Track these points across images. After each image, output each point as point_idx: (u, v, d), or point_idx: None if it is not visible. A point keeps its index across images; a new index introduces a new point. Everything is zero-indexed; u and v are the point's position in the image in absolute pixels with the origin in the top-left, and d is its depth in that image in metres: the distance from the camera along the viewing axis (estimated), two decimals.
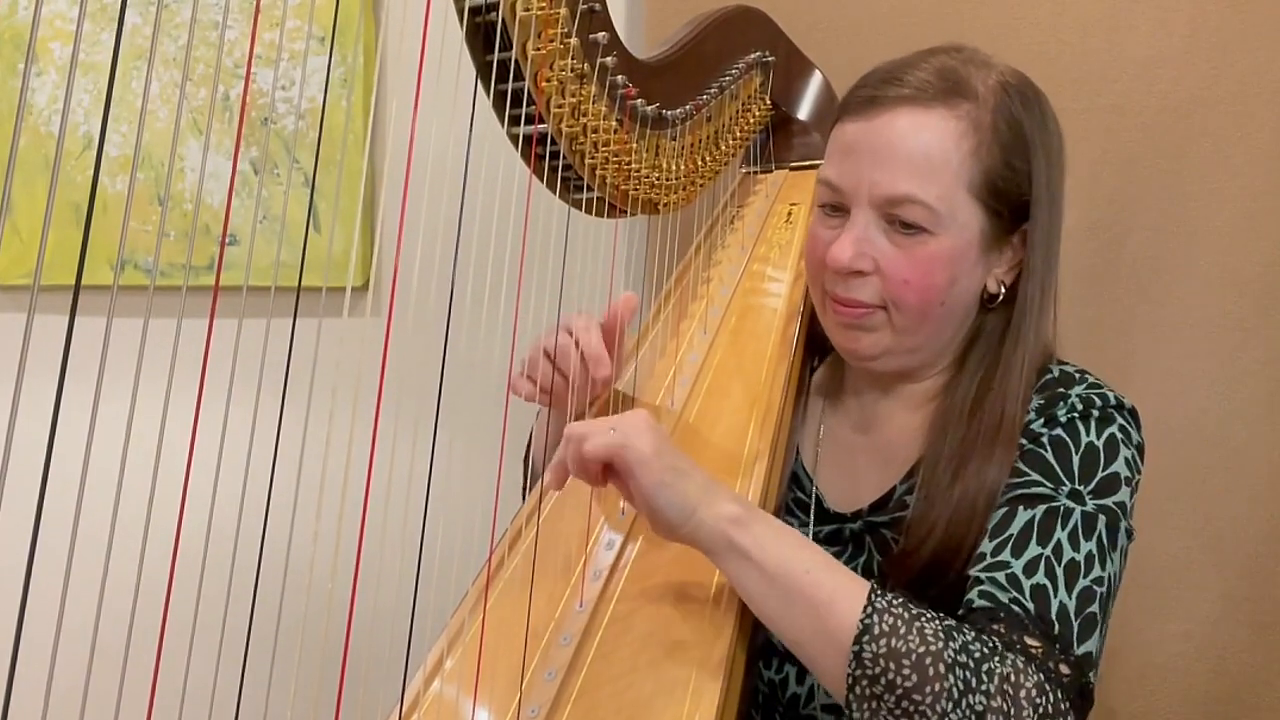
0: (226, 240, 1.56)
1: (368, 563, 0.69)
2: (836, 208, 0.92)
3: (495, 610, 0.82)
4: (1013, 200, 0.90)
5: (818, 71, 1.35)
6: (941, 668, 0.70)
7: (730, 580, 0.78)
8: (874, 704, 0.71)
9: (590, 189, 0.98)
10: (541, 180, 0.95)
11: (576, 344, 0.94)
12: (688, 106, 1.07)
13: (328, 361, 0.67)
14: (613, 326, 0.96)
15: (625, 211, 1.03)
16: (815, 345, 1.09)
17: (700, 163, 1.14)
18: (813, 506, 0.99)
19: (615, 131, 0.96)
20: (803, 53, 1.33)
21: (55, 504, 0.48)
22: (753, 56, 1.21)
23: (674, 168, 1.08)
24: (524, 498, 1.11)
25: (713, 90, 1.12)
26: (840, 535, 0.96)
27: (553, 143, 0.91)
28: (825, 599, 0.74)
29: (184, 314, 0.59)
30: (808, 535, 0.98)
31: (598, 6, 0.90)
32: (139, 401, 0.54)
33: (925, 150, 0.87)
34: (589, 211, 1.00)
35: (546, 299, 0.97)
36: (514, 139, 0.91)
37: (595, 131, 0.94)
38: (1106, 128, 1.33)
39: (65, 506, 0.49)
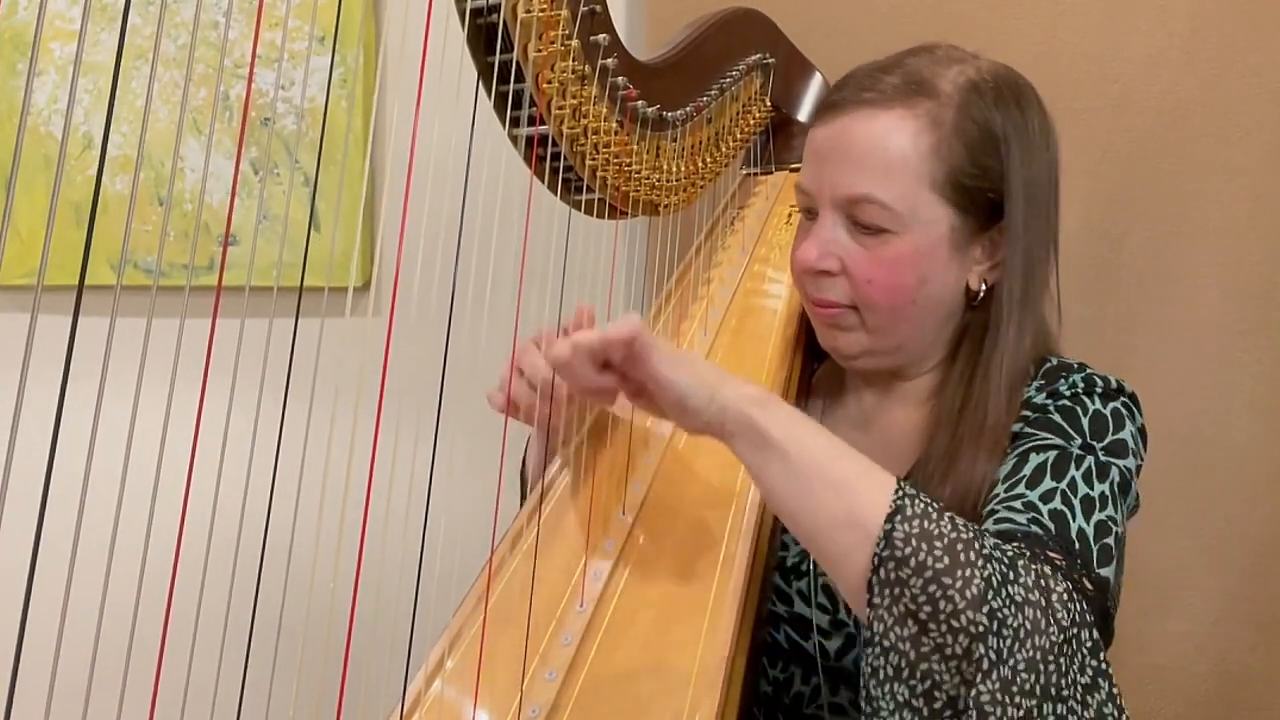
0: (228, 240, 1.56)
1: (369, 562, 0.69)
2: (810, 211, 0.94)
3: (496, 610, 0.82)
4: (984, 197, 0.89)
5: (818, 73, 1.35)
6: (974, 555, 0.66)
7: (749, 466, 0.74)
8: (897, 589, 0.65)
9: (591, 190, 0.99)
10: (542, 181, 0.95)
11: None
12: (688, 108, 1.07)
13: (329, 361, 0.67)
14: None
15: (626, 213, 1.03)
16: (816, 347, 1.09)
17: (701, 164, 1.14)
18: None
19: (616, 133, 0.96)
20: (803, 54, 1.33)
21: (58, 504, 0.48)
22: (753, 58, 1.21)
23: (675, 169, 1.08)
24: (523, 499, 1.11)
25: (713, 92, 1.12)
26: None
27: (553, 144, 0.91)
28: (852, 480, 0.70)
29: (186, 314, 0.59)
30: None
31: (599, 8, 0.90)
32: (141, 401, 0.54)
33: (882, 151, 0.87)
34: (589, 213, 1.01)
35: (547, 299, 0.97)
36: (515, 140, 0.91)
37: (596, 133, 0.94)
38: (1106, 128, 1.33)
39: (68, 506, 0.49)
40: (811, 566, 0.97)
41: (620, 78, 0.95)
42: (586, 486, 0.93)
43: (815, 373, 1.10)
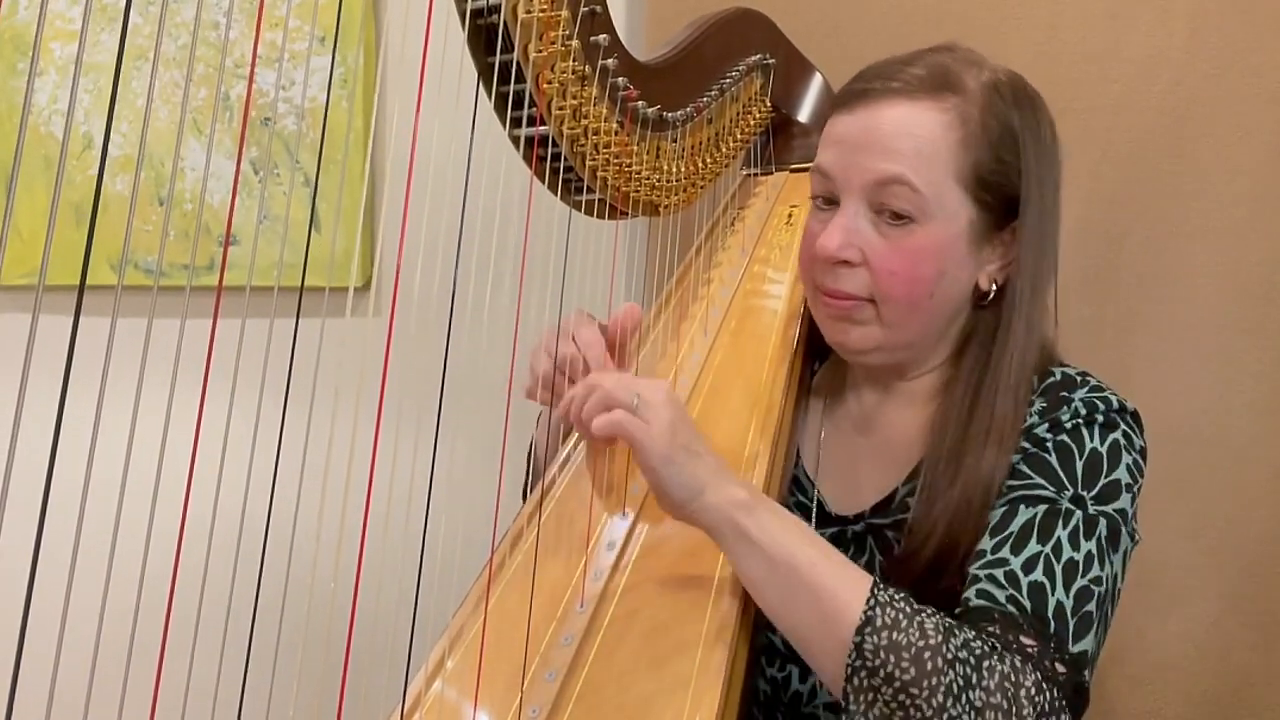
0: (229, 240, 1.56)
1: (369, 563, 0.69)
2: (829, 200, 0.93)
3: (496, 610, 0.83)
4: (1002, 193, 0.90)
5: (818, 74, 1.35)
6: (941, 662, 0.70)
7: (734, 565, 0.79)
8: (871, 695, 0.71)
9: (591, 190, 0.99)
10: (543, 182, 0.95)
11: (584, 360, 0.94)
12: (688, 109, 1.07)
13: (330, 362, 0.67)
14: (613, 338, 0.96)
15: (626, 213, 1.03)
16: (816, 347, 1.09)
17: (701, 165, 1.14)
18: (814, 510, 0.99)
19: (616, 133, 0.96)
20: (803, 55, 1.33)
21: (58, 504, 0.48)
22: (753, 59, 1.21)
23: (675, 169, 1.08)
24: (525, 497, 1.12)
25: (713, 92, 1.12)
26: (843, 537, 0.96)
27: (554, 144, 0.91)
28: (828, 589, 0.74)
29: (186, 314, 0.59)
30: None
31: (599, 9, 0.90)
32: (141, 402, 0.54)
33: (914, 137, 0.88)
34: (590, 213, 1.01)
35: (547, 299, 0.98)
36: (515, 141, 0.91)
37: (596, 133, 0.94)
38: (1106, 128, 1.33)
39: (68, 507, 0.49)
40: None
41: (620, 78, 0.95)
42: (586, 487, 0.93)
43: (815, 373, 1.10)
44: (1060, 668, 0.74)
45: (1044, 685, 0.72)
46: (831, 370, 1.08)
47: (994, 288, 0.93)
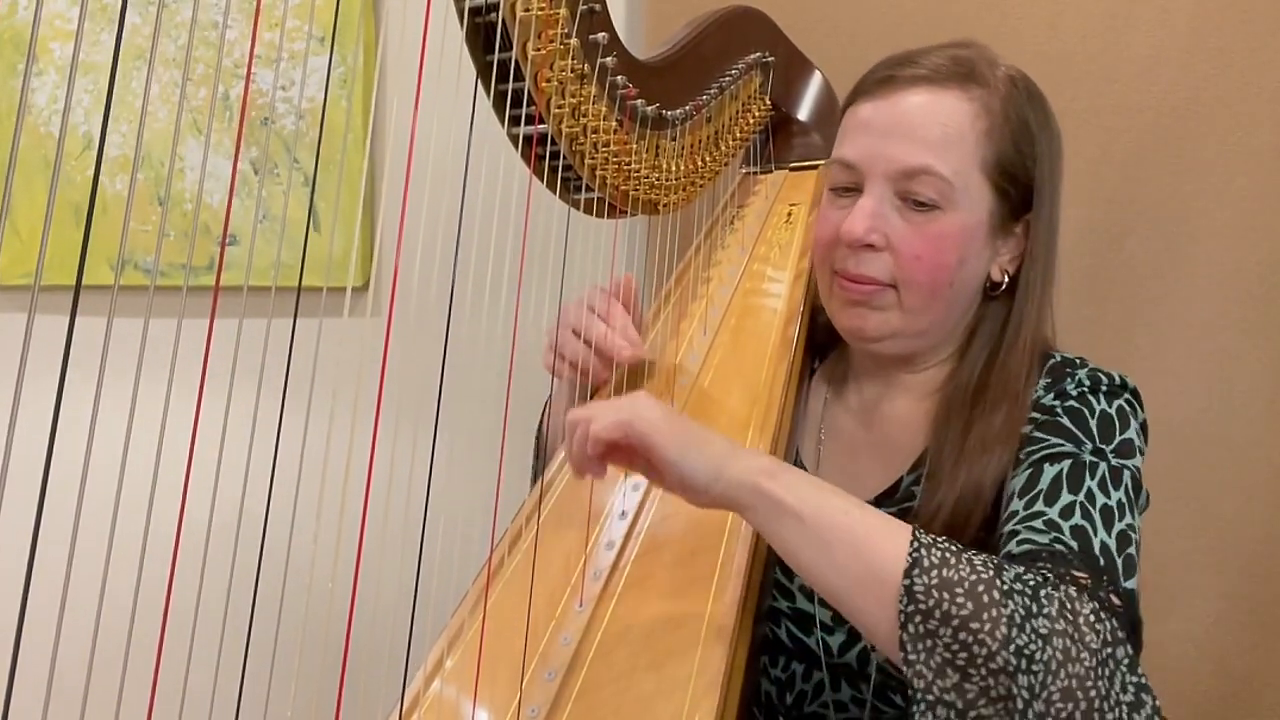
0: (227, 240, 1.56)
1: (368, 562, 0.69)
2: (849, 189, 0.93)
3: (495, 610, 0.82)
4: (1020, 185, 0.91)
5: (817, 72, 1.35)
6: (997, 594, 0.67)
7: (767, 535, 0.76)
8: (929, 641, 0.66)
9: (590, 189, 0.98)
10: (541, 180, 0.95)
11: (607, 325, 0.96)
12: (688, 107, 1.07)
13: (328, 361, 0.67)
14: (628, 305, 0.99)
15: (625, 212, 1.03)
16: (815, 345, 1.09)
17: (700, 163, 1.14)
18: None
19: (615, 132, 0.96)
20: (802, 53, 1.33)
21: (56, 503, 0.48)
22: (752, 57, 1.21)
23: (674, 168, 1.08)
24: (532, 476, 1.11)
25: (712, 91, 1.12)
26: None
27: (553, 143, 0.91)
28: (868, 539, 0.71)
29: (184, 314, 0.59)
30: None
31: (598, 7, 0.90)
32: (139, 401, 0.54)
33: (942, 126, 0.89)
34: (589, 212, 1.01)
35: (546, 299, 0.97)
36: (514, 139, 0.91)
37: (595, 132, 0.94)
38: (1106, 128, 1.33)
39: (66, 506, 0.49)
40: None
41: (619, 76, 0.95)
42: (586, 486, 0.93)
43: (816, 369, 1.10)
44: (1115, 600, 0.72)
45: (1102, 614, 0.68)
46: (832, 365, 1.08)
47: (1005, 279, 0.94)
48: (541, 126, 0.90)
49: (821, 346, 1.09)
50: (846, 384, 1.04)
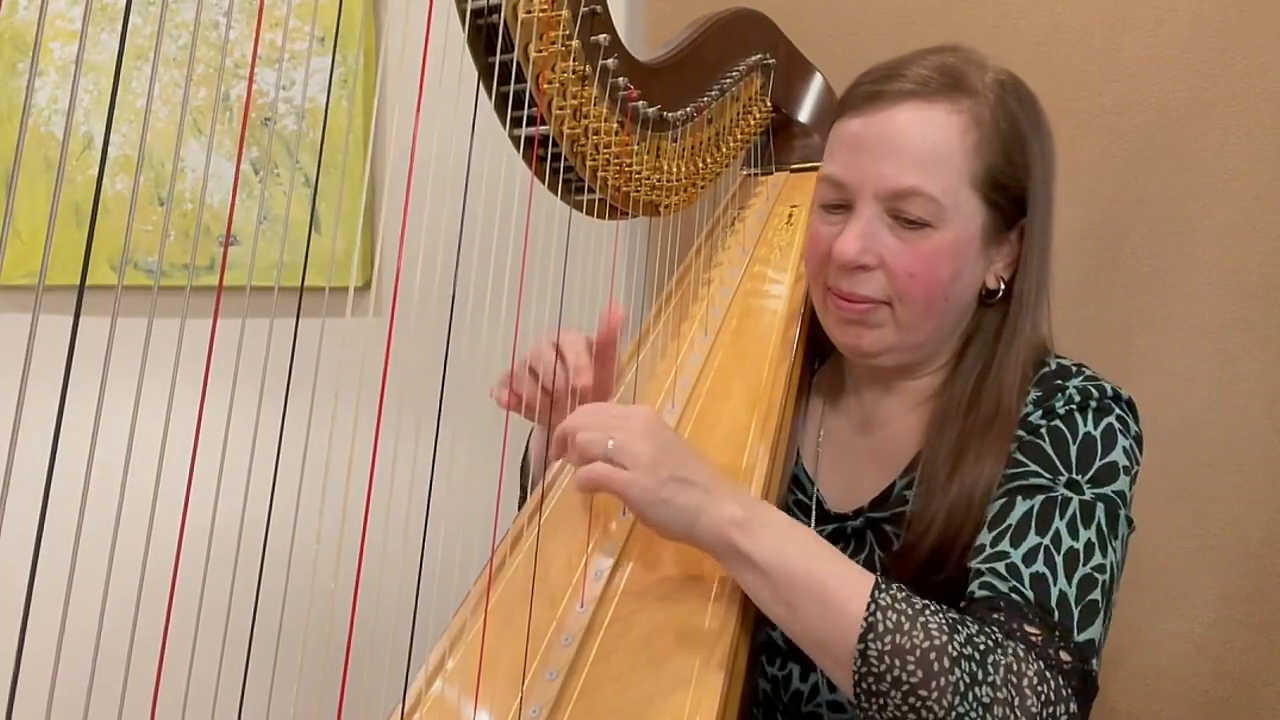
0: (229, 241, 1.56)
1: (370, 562, 0.69)
2: (839, 205, 0.93)
3: (497, 610, 0.83)
4: (1011, 194, 0.91)
5: (818, 74, 1.35)
6: (947, 662, 0.70)
7: (736, 580, 0.79)
8: (881, 700, 0.71)
9: (591, 190, 0.99)
10: (543, 182, 0.95)
11: (559, 355, 0.95)
12: (689, 109, 1.07)
13: (330, 362, 0.67)
14: (606, 339, 0.97)
15: (626, 213, 1.03)
16: (816, 347, 1.09)
17: (701, 165, 1.14)
18: (814, 508, 0.99)
19: (616, 133, 0.96)
20: (803, 55, 1.33)
21: (59, 504, 0.48)
22: (753, 59, 1.21)
23: (675, 169, 1.08)
24: (520, 500, 1.12)
25: (713, 92, 1.12)
26: (842, 533, 0.97)
27: (554, 144, 0.91)
28: (829, 598, 0.74)
29: (186, 314, 0.59)
30: None
31: (599, 9, 0.90)
32: (142, 402, 0.54)
33: (930, 144, 0.88)
34: (590, 213, 1.01)
35: (547, 299, 0.98)
36: (515, 141, 0.91)
37: (597, 133, 0.94)
38: (1106, 128, 1.33)
39: (69, 506, 0.49)
40: None
41: (621, 78, 0.95)
42: None
43: (815, 373, 1.10)
44: (1065, 656, 0.74)
45: (1047, 674, 0.71)
46: (831, 369, 1.08)
47: (1001, 286, 0.93)
48: (543, 128, 0.90)
49: (822, 349, 1.09)
50: (844, 389, 1.04)
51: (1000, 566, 0.79)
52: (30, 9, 1.62)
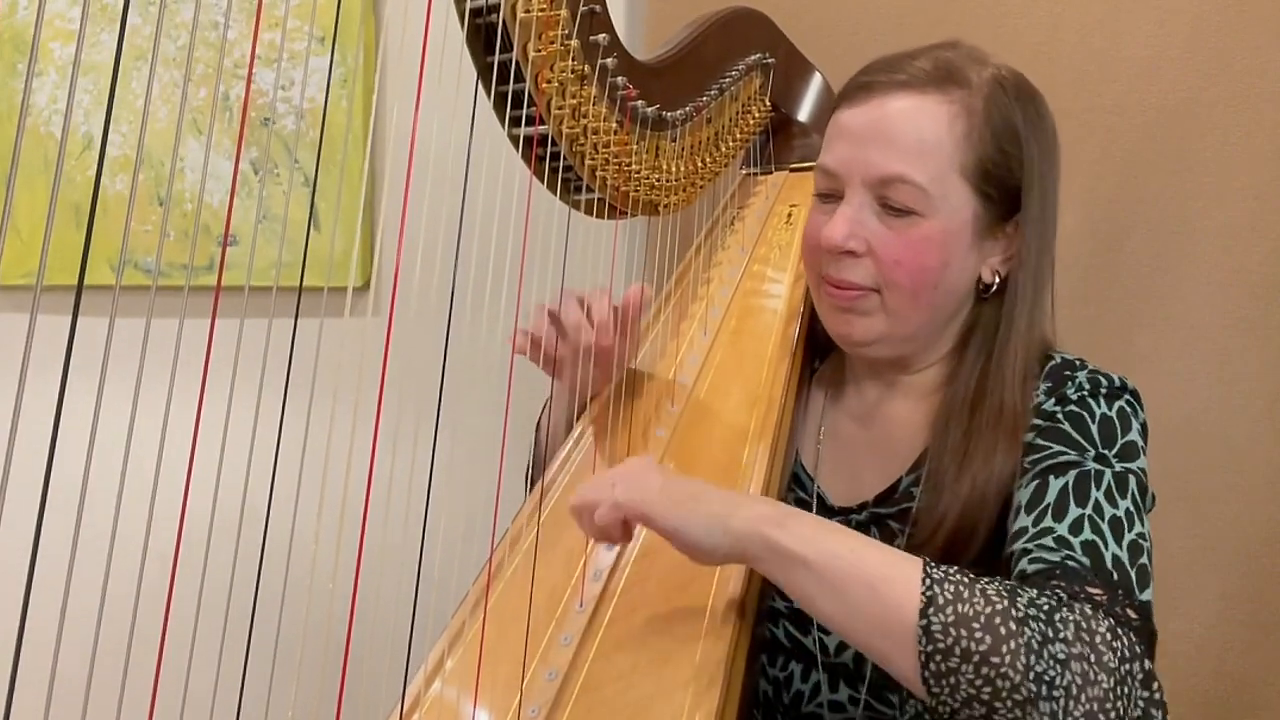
0: (228, 241, 1.56)
1: (369, 562, 0.69)
2: (831, 194, 0.93)
3: (496, 610, 0.83)
4: (1005, 186, 0.91)
5: (818, 73, 1.35)
6: (1013, 624, 0.67)
7: (780, 583, 0.76)
8: (953, 679, 0.67)
9: (590, 190, 0.99)
10: (542, 181, 0.95)
11: (586, 310, 0.96)
12: (688, 108, 1.07)
13: (329, 361, 0.67)
14: (628, 309, 0.98)
15: (625, 212, 1.03)
16: (816, 345, 1.09)
17: (700, 164, 1.14)
18: (814, 505, 0.99)
19: (615, 133, 0.96)
20: (803, 54, 1.33)
21: (58, 503, 0.48)
22: (753, 58, 1.21)
23: (674, 169, 1.08)
24: (528, 478, 1.11)
25: (713, 92, 1.12)
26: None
27: (553, 144, 0.91)
28: (879, 580, 0.71)
29: (185, 314, 0.59)
30: None
31: (598, 8, 0.90)
32: (141, 401, 0.54)
33: (918, 132, 0.88)
34: (589, 212, 1.01)
35: (547, 299, 0.98)
36: (514, 140, 0.91)
37: (596, 133, 0.94)
38: (1106, 128, 1.33)
39: (68, 506, 0.49)
40: None
41: (620, 77, 0.95)
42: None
43: (816, 370, 1.10)
44: (1131, 614, 0.72)
45: (1119, 630, 0.69)
46: (832, 366, 1.08)
47: (996, 280, 0.93)
48: (542, 127, 0.90)
49: (822, 347, 1.09)
50: (845, 385, 1.04)
51: (1048, 540, 0.77)
52: (30, 9, 1.62)
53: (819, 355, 1.11)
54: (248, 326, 0.62)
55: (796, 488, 1.02)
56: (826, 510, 0.98)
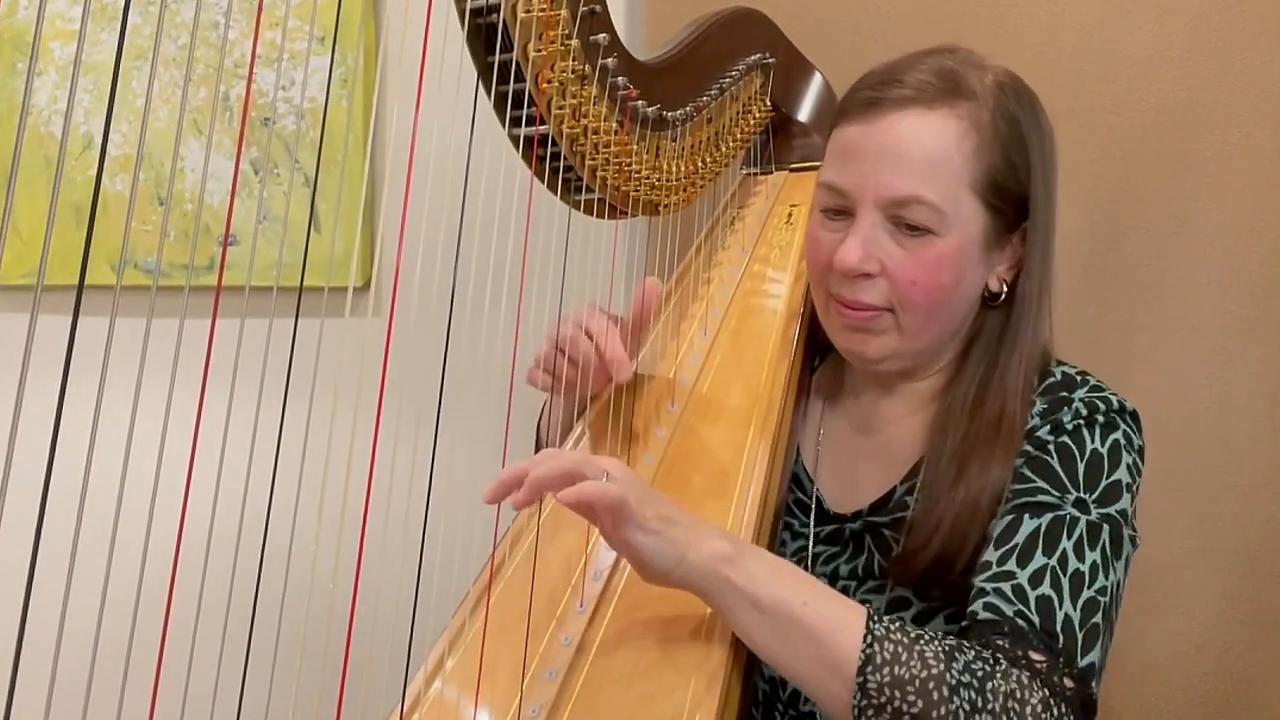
0: (228, 241, 1.56)
1: (369, 562, 0.69)
2: (839, 211, 0.93)
3: (496, 610, 0.83)
4: (1013, 197, 0.91)
5: (818, 73, 1.35)
6: (946, 690, 0.70)
7: (727, 619, 0.77)
8: None
9: (591, 190, 0.99)
10: (542, 181, 0.95)
11: (595, 346, 0.95)
12: (688, 108, 1.07)
13: (329, 361, 0.67)
14: (639, 319, 0.98)
15: (625, 213, 1.03)
16: (816, 346, 1.09)
17: (700, 164, 1.14)
18: (813, 508, 0.99)
19: (616, 133, 0.96)
20: (803, 54, 1.33)
21: (58, 503, 0.48)
22: (753, 58, 1.21)
23: (674, 169, 1.08)
24: None
25: (713, 92, 1.12)
26: (840, 535, 0.96)
27: (553, 144, 0.91)
28: (824, 631, 0.73)
29: (186, 314, 0.59)
30: (807, 536, 0.98)
31: (598, 8, 0.90)
32: (141, 401, 0.54)
33: (929, 151, 0.88)
34: (589, 213, 1.01)
35: (547, 299, 0.98)
36: (515, 140, 0.91)
37: (596, 133, 0.94)
38: (1106, 128, 1.33)
39: (68, 506, 0.49)
40: (810, 561, 0.97)
41: (620, 77, 0.95)
42: None
43: (815, 372, 1.10)
44: (1068, 682, 0.74)
45: (1051, 702, 0.71)
46: (831, 369, 1.08)
47: (1004, 289, 0.93)
48: (542, 128, 0.90)
49: (822, 348, 1.09)
50: (845, 389, 1.04)
51: (1006, 587, 0.79)
52: (30, 9, 1.62)
53: (819, 356, 1.11)
54: (248, 326, 0.62)
55: (796, 488, 1.02)
56: (824, 515, 0.98)
